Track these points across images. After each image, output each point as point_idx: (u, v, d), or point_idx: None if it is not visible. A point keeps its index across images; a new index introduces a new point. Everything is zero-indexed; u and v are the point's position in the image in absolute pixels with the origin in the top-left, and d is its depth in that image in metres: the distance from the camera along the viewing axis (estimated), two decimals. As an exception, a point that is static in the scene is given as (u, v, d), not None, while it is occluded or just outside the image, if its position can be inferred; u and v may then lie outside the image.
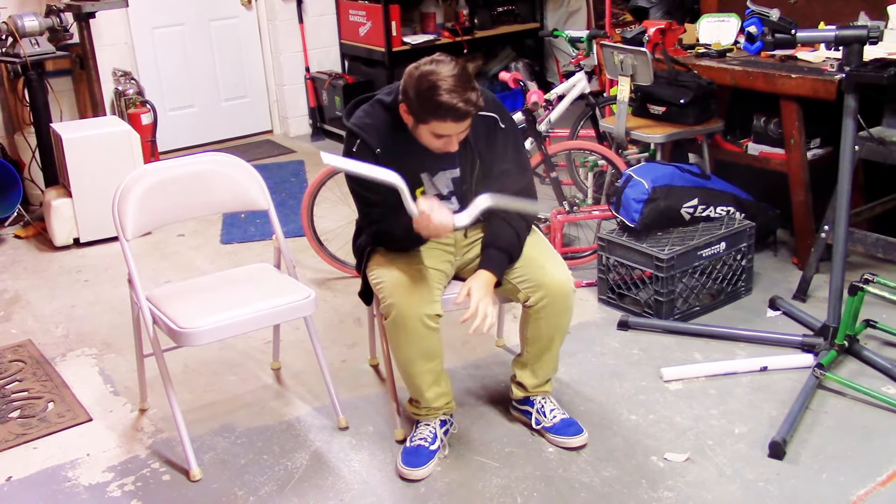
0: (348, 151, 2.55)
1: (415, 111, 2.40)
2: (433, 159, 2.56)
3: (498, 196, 2.46)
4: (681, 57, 4.05)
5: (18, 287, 4.12)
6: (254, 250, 4.38)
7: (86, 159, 4.43)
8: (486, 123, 2.59)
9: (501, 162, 2.60)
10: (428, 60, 2.40)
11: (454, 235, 2.72)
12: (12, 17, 4.62)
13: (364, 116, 2.56)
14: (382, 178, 2.34)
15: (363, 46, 6.13)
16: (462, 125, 2.40)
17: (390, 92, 2.56)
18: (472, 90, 2.35)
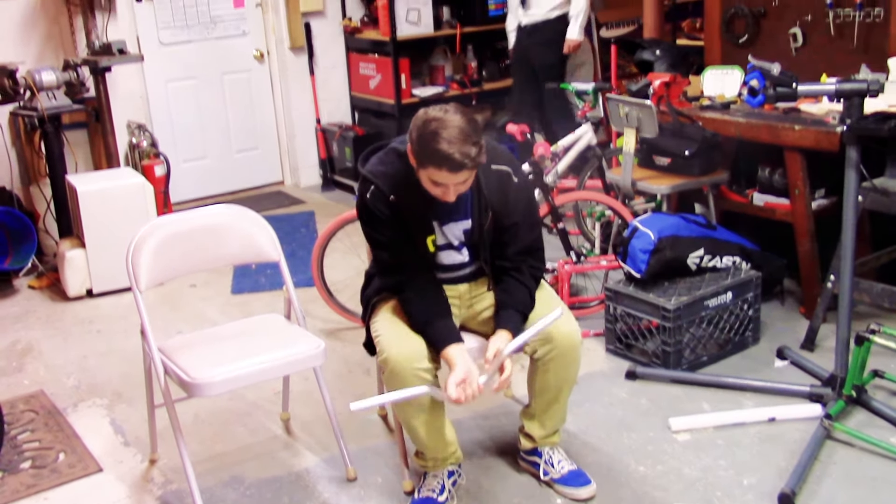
0: (362, 197, 2.59)
1: (416, 154, 2.43)
2: (445, 208, 2.59)
3: (519, 337, 2.53)
4: (685, 109, 4.11)
5: (31, 337, 4.17)
6: (264, 300, 4.42)
7: (100, 211, 4.50)
8: (500, 177, 2.62)
9: (513, 215, 2.63)
10: (439, 107, 2.43)
11: (459, 288, 2.75)
12: (30, 72, 4.72)
13: (378, 164, 2.61)
14: (414, 395, 2.45)
15: (373, 99, 6.23)
16: (458, 177, 2.40)
17: (404, 141, 2.60)
18: (473, 144, 2.36)
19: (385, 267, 2.66)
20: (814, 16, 4.08)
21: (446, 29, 6.15)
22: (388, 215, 2.55)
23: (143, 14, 5.75)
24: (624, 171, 3.99)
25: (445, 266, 2.71)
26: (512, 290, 2.63)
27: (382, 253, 2.63)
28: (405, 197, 2.54)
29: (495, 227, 2.63)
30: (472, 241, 2.68)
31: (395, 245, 2.59)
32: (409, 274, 2.60)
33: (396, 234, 2.58)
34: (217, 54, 6.13)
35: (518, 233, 2.64)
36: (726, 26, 4.46)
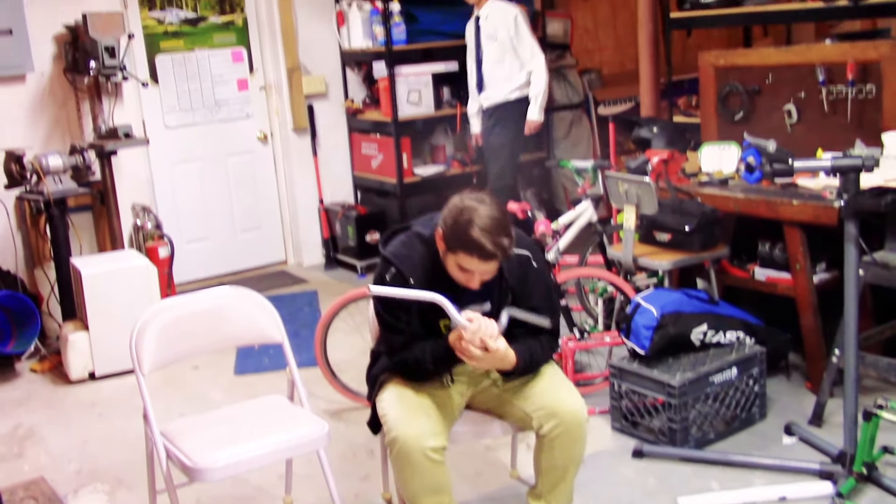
0: (381, 279, 2.62)
1: (447, 239, 2.49)
2: (465, 293, 2.62)
3: (519, 311, 2.56)
4: (684, 185, 4.16)
5: (32, 422, 4.14)
6: (268, 381, 4.40)
7: (103, 293, 4.52)
8: (520, 261, 2.66)
9: (531, 299, 2.67)
10: (474, 196, 2.52)
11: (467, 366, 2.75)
12: (37, 157, 4.80)
13: (400, 247, 2.65)
14: (427, 298, 2.46)
15: (375, 178, 6.31)
16: (487, 265, 2.47)
17: (427, 225, 2.65)
18: (505, 236, 2.44)
19: (394, 349, 2.67)
20: (807, 93, 4.16)
21: (447, 109, 6.25)
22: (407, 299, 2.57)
23: (149, 98, 5.86)
24: (625, 247, 4.01)
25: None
26: (521, 340, 2.64)
27: (395, 337, 2.65)
28: (425, 281, 2.57)
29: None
30: None
31: (409, 330, 2.60)
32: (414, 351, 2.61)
33: (411, 318, 2.60)
34: (221, 136, 6.23)
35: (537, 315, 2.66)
36: (722, 103, 4.54)
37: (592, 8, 7.29)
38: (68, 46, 5.22)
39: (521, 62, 5.59)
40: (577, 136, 6.90)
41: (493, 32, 5.58)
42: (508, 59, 5.58)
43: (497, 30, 5.56)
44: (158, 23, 5.92)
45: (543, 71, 5.59)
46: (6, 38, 5.05)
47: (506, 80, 5.61)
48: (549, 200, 6.83)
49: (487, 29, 5.60)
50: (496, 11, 5.59)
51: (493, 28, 5.58)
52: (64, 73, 5.30)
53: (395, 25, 5.88)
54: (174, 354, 2.91)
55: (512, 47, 5.55)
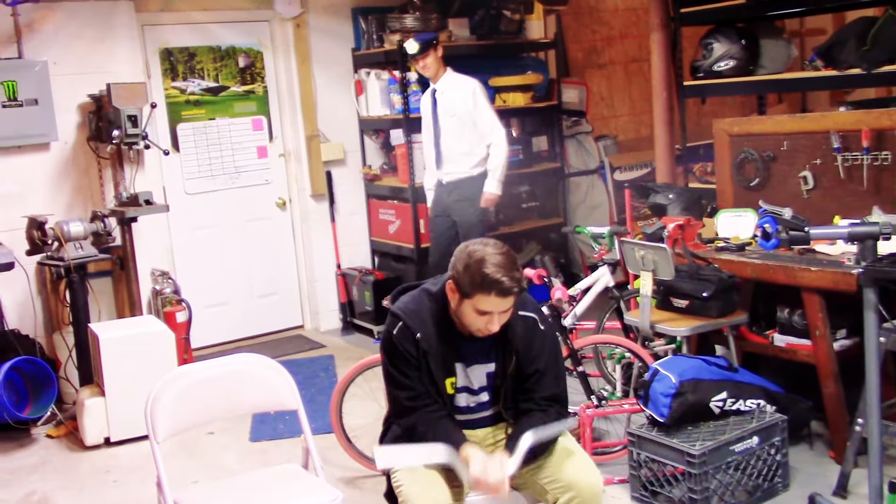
0: (388, 332, 2.63)
1: (462, 285, 2.50)
2: (471, 351, 2.63)
3: (539, 430, 2.52)
4: (701, 251, 4.15)
5: (47, 489, 4.11)
6: (283, 448, 4.37)
7: (121, 359, 4.53)
8: (526, 323, 2.67)
9: (536, 362, 2.66)
10: (478, 241, 2.58)
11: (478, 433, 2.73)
12: (59, 224, 4.86)
13: (409, 302, 2.67)
14: (434, 460, 2.49)
15: (392, 243, 6.34)
16: (505, 302, 2.49)
17: (436, 283, 2.67)
18: (517, 270, 2.49)
19: (401, 409, 2.66)
20: (823, 159, 4.17)
21: (463, 175, 6.30)
22: (413, 353, 2.59)
23: (170, 165, 5.96)
24: (642, 313, 3.99)
25: (462, 409, 2.70)
26: (526, 424, 2.60)
27: (400, 393, 2.64)
28: (431, 336, 2.58)
29: (518, 372, 2.65)
30: (494, 384, 2.69)
31: (415, 386, 2.60)
32: (423, 415, 2.60)
33: (418, 374, 2.59)
34: (240, 203, 6.30)
35: (542, 380, 2.65)
36: (737, 170, 4.55)
37: (607, 76, 7.40)
38: (92, 115, 5.33)
39: (481, 136, 5.42)
40: (593, 202, 6.94)
41: (451, 107, 5.44)
42: (468, 134, 5.43)
43: (455, 104, 5.42)
44: (181, 92, 6.05)
45: (503, 144, 5.42)
46: (32, 108, 5.18)
47: (466, 155, 5.45)
48: (566, 265, 6.83)
49: (445, 103, 5.46)
50: (453, 85, 5.46)
51: (450, 102, 5.44)
52: (87, 141, 5.40)
53: (412, 94, 5.98)
54: (189, 421, 2.91)
55: (471, 121, 5.40)
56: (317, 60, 6.30)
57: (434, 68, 5.43)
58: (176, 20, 5.93)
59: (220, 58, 6.16)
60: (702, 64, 4.93)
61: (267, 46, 6.34)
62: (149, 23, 5.81)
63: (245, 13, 6.18)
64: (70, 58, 5.36)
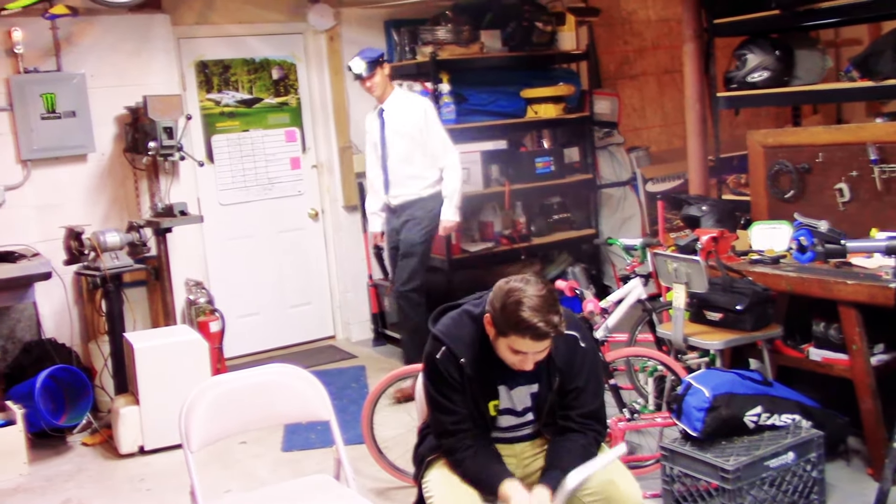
0: (431, 356, 2.63)
1: (497, 323, 2.49)
2: (514, 373, 2.61)
3: (583, 469, 2.49)
4: (734, 264, 4.12)
5: (82, 496, 4.16)
6: (315, 458, 4.39)
7: (155, 368, 4.58)
8: (567, 341, 2.66)
9: (577, 380, 2.66)
10: (519, 278, 2.52)
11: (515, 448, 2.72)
12: (96, 234, 4.93)
13: (451, 325, 2.65)
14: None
15: (424, 254, 6.34)
16: (540, 345, 2.47)
17: (477, 303, 2.66)
18: (555, 313, 2.44)
19: (443, 431, 2.66)
20: (859, 171, 4.12)
21: (495, 186, 6.31)
22: (457, 378, 2.58)
23: (204, 177, 6.02)
24: (675, 326, 3.97)
25: (506, 428, 2.70)
26: (564, 452, 2.59)
27: (443, 417, 2.64)
28: (475, 360, 2.58)
29: (559, 390, 2.64)
30: (538, 405, 2.68)
31: (457, 410, 2.60)
32: (465, 439, 2.59)
33: (461, 398, 2.59)
34: (273, 213, 6.35)
35: (581, 397, 2.65)
36: (772, 182, 4.51)
37: (640, 87, 7.37)
38: (128, 127, 5.41)
39: (433, 158, 5.19)
40: (624, 214, 6.91)
41: (400, 127, 5.17)
42: (418, 156, 5.18)
43: (404, 125, 5.16)
44: (215, 104, 6.12)
45: (458, 167, 5.20)
46: (70, 120, 5.27)
47: (415, 178, 5.20)
48: (598, 277, 6.81)
49: (393, 124, 5.19)
50: (403, 105, 5.21)
51: (399, 123, 5.17)
52: (124, 152, 5.48)
53: (444, 105, 5.99)
54: (222, 431, 2.93)
55: (422, 143, 5.16)
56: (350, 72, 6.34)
57: (381, 87, 5.19)
58: (211, 33, 6.01)
59: (254, 70, 6.23)
60: (735, 75, 4.89)
61: (300, 59, 6.39)
62: (185, 36, 5.89)
63: (279, 26, 6.25)
64: (107, 70, 5.45)
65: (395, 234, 5.34)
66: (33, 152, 5.22)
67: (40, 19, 5.04)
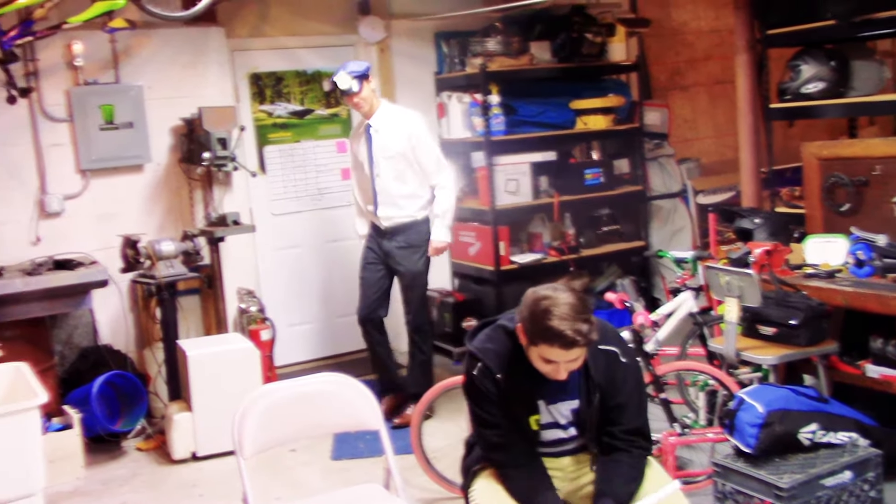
0: (469, 373, 2.63)
1: (528, 332, 2.48)
2: (553, 388, 2.60)
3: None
4: (789, 278, 4.06)
5: (137, 501, 4.24)
6: (363, 468, 4.41)
7: (208, 375, 4.65)
8: (607, 356, 2.63)
9: (619, 395, 2.63)
10: (549, 286, 2.50)
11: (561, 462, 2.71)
12: (151, 243, 5.03)
13: (486, 340, 2.65)
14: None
15: (472, 265, 6.36)
16: (570, 354, 2.44)
17: (512, 318, 2.65)
18: (584, 322, 2.41)
19: (488, 445, 2.66)
20: (918, 184, 4.04)
21: (544, 198, 6.30)
22: (495, 393, 2.57)
23: (257, 187, 6.10)
24: (727, 340, 3.92)
25: (549, 443, 2.69)
26: (615, 476, 2.57)
27: (487, 431, 2.64)
28: (512, 375, 2.57)
29: (602, 406, 2.62)
30: (580, 421, 2.67)
31: (501, 423, 2.59)
32: (512, 453, 2.59)
33: (502, 412, 2.59)
34: (323, 224, 6.41)
35: (624, 413, 2.62)
36: (827, 195, 4.44)
37: (691, 98, 7.32)
38: (184, 138, 5.52)
39: (426, 176, 4.91)
40: (675, 226, 6.85)
41: (389, 145, 4.84)
42: (410, 175, 4.89)
43: (394, 142, 4.84)
44: (268, 115, 6.20)
45: (452, 185, 4.95)
46: (127, 131, 5.40)
47: (408, 198, 4.90)
48: (647, 290, 6.75)
49: (382, 141, 4.85)
50: (392, 120, 4.89)
51: (388, 140, 4.85)
52: (179, 163, 5.59)
53: (493, 117, 6.00)
54: (274, 439, 2.97)
55: (414, 160, 4.86)
56: (400, 84, 6.39)
57: (369, 103, 4.84)
58: (265, 45, 6.10)
59: (306, 82, 6.31)
60: (789, 86, 4.83)
61: (351, 70, 6.45)
62: (239, 48, 5.98)
63: (331, 38, 6.31)
64: (164, 82, 5.56)
65: (384, 257, 5.02)
66: (92, 162, 5.35)
67: (100, 32, 5.16)
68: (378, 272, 5.05)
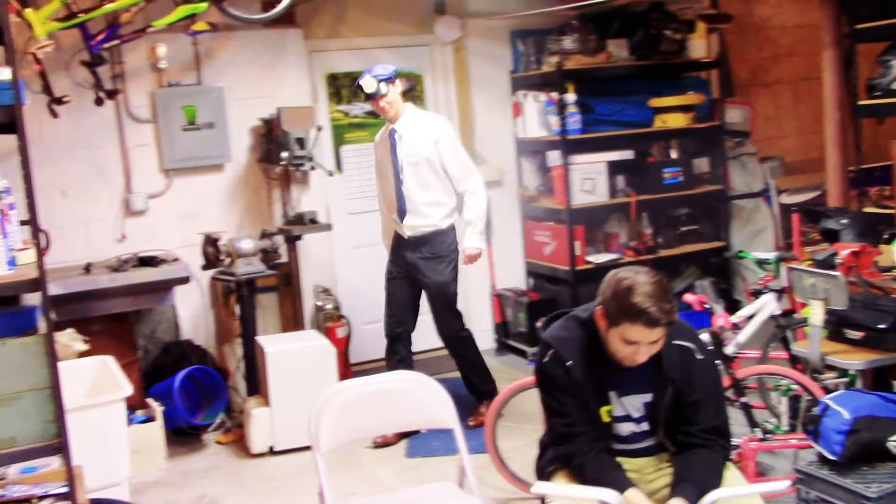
0: (540, 361, 2.64)
1: (609, 313, 2.47)
2: (625, 380, 2.59)
3: (724, 490, 2.45)
4: (877, 280, 3.92)
5: (216, 493, 4.33)
6: (437, 466, 4.42)
7: (285, 371, 4.72)
8: (682, 353, 2.60)
9: (695, 393, 2.59)
10: (629, 268, 2.52)
11: (637, 462, 2.68)
12: (231, 241, 5.13)
13: (560, 329, 2.66)
14: (597, 497, 2.43)
15: (547, 265, 6.32)
16: (652, 333, 2.42)
17: (586, 309, 2.66)
18: (667, 301, 2.41)
19: (558, 435, 2.65)
20: None
21: (621, 197, 6.23)
22: (565, 381, 2.57)
23: (334, 186, 6.17)
24: (811, 344, 3.81)
25: (623, 437, 2.66)
26: (696, 465, 2.53)
27: (557, 420, 2.63)
28: (583, 364, 2.56)
29: (676, 402, 2.58)
30: (652, 415, 2.63)
31: (570, 413, 2.58)
32: (579, 443, 2.57)
33: (572, 401, 2.57)
34: (399, 222, 6.44)
35: (701, 411, 2.58)
36: (919, 194, 4.28)
37: (774, 95, 7.13)
38: (262, 138, 5.62)
39: (454, 182, 4.74)
40: (756, 226, 6.69)
41: (415, 150, 4.69)
42: (435, 182, 4.71)
43: (420, 147, 4.68)
44: (344, 115, 6.27)
45: (482, 191, 4.77)
46: (209, 131, 5.52)
47: (433, 206, 4.73)
48: (727, 291, 6.61)
49: (407, 147, 4.70)
50: (417, 126, 4.73)
51: (414, 146, 4.69)
52: (258, 162, 5.69)
53: (570, 115, 5.95)
54: (350, 435, 3.00)
55: (440, 167, 4.70)
56: (475, 83, 6.39)
57: (395, 107, 4.69)
58: (341, 46, 6.16)
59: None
60: (879, 82, 4.67)
61: (427, 70, 6.48)
62: (316, 49, 6.06)
63: (407, 38, 6.35)
64: (243, 83, 5.67)
65: (408, 269, 4.87)
66: (174, 162, 5.49)
67: (183, 35, 5.29)
68: (403, 286, 4.91)
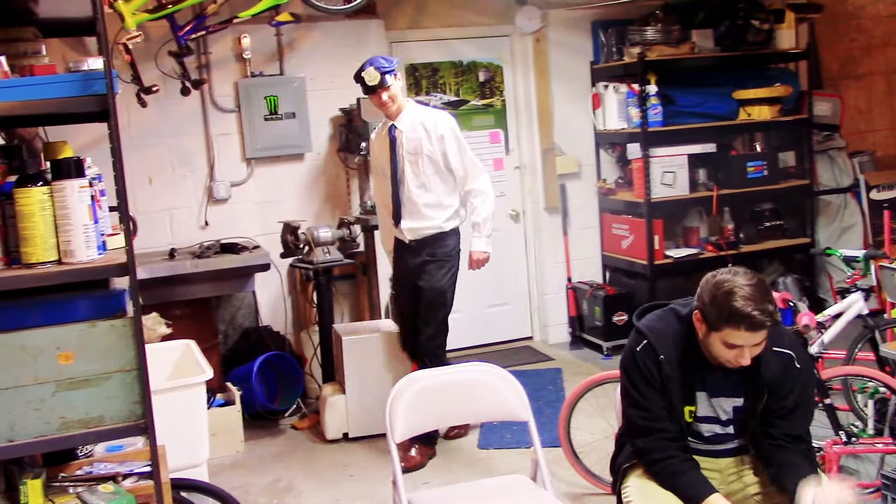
0: (631, 349, 2.60)
1: (709, 318, 2.42)
2: (717, 382, 2.54)
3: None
4: (974, 280, 3.75)
5: (291, 476, 4.40)
6: (509, 458, 4.41)
7: (361, 359, 4.77)
8: (781, 359, 2.54)
9: (787, 400, 2.53)
10: (726, 270, 2.47)
11: (719, 462, 2.62)
12: (310, 229, 5.20)
13: (655, 321, 2.62)
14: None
15: (625, 259, 6.23)
16: (756, 336, 2.37)
17: (685, 304, 2.61)
18: (769, 302, 2.35)
19: (635, 427, 2.60)
20: None
21: (702, 191, 6.10)
22: (654, 374, 2.53)
23: (411, 176, 6.19)
24: (902, 345, 3.67)
25: (705, 438, 2.61)
26: (797, 467, 2.47)
27: (635, 412, 2.59)
28: (675, 360, 2.51)
29: (767, 408, 2.51)
30: (741, 419, 2.57)
31: (652, 407, 2.54)
32: (654, 439, 2.52)
33: (656, 395, 2.53)
34: (475, 214, 6.43)
35: (789, 418, 2.53)
36: None
37: (866, 87, 6.87)
38: (342, 128, 5.67)
39: (458, 181, 4.47)
40: (844, 222, 6.48)
41: (416, 147, 4.38)
42: (437, 182, 4.42)
43: (421, 144, 4.38)
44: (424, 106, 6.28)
45: (490, 191, 4.51)
46: (290, 121, 5.60)
47: (435, 208, 4.43)
48: (811, 289, 6.42)
49: (408, 144, 4.39)
50: (418, 121, 4.41)
51: (415, 142, 4.39)
52: (337, 152, 5.75)
53: (651, 107, 5.85)
54: (424, 424, 3.02)
55: (443, 166, 4.41)
56: (555, 74, 6.33)
57: (397, 101, 4.40)
58: (421, 37, 6.18)
59: (461, 73, 6.35)
60: (980, 73, 4.46)
61: (506, 61, 6.45)
62: (396, 40, 6.09)
63: (486, 29, 6.33)
64: (324, 74, 5.72)
65: (404, 272, 4.62)
66: (256, 151, 5.59)
67: (266, 26, 5.37)
68: (410, 302, 4.61)
